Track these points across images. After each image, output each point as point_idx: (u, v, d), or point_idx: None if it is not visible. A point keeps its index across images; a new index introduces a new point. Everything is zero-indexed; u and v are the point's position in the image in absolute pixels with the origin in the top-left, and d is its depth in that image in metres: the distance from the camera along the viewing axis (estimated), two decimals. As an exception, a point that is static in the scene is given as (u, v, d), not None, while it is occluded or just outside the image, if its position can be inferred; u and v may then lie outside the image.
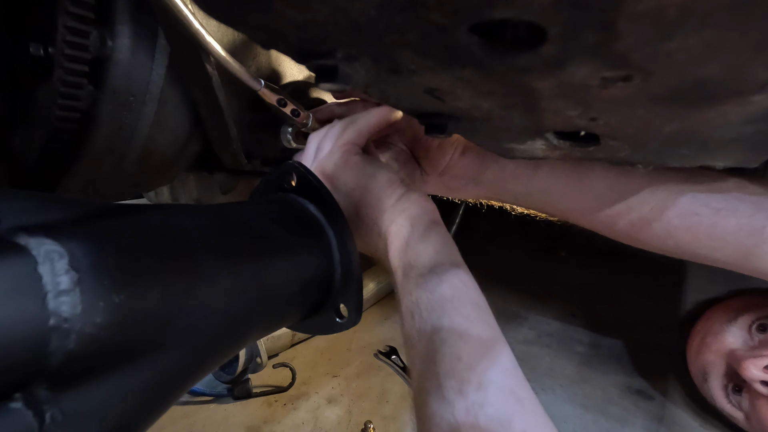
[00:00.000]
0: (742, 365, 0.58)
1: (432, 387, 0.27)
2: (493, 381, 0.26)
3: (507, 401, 0.26)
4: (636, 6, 0.14)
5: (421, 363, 0.29)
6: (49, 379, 0.16)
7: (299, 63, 0.24)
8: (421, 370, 0.28)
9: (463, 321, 0.29)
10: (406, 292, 0.32)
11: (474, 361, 0.27)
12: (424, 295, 0.30)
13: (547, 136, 0.28)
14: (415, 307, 0.30)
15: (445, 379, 0.26)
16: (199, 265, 0.23)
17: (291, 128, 0.50)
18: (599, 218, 0.42)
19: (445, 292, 0.30)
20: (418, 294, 0.31)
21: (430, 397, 0.27)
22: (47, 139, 0.44)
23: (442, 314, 0.29)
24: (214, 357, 0.25)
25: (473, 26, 0.17)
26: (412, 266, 0.32)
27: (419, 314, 0.30)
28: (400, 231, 0.34)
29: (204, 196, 0.86)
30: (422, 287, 0.31)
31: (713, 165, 0.31)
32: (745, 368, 0.58)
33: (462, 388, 0.26)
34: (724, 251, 0.38)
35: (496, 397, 0.26)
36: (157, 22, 0.44)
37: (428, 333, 0.29)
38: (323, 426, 0.66)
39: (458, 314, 0.29)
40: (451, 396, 0.26)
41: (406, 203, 0.35)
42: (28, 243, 0.16)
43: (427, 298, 0.30)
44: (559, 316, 0.96)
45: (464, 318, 0.29)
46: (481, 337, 0.28)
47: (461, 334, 0.28)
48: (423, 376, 0.28)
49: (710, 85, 0.18)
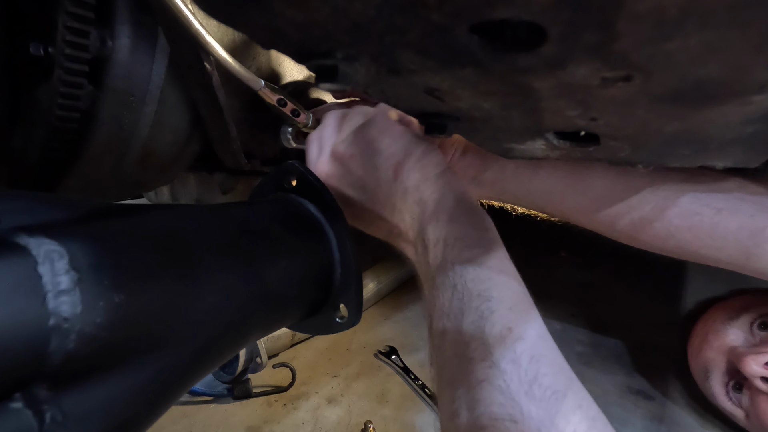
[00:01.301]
0: (743, 361, 0.58)
1: (479, 354, 0.27)
2: (544, 354, 0.27)
3: (559, 375, 0.26)
4: (636, 6, 0.14)
5: (465, 333, 0.28)
6: (49, 379, 0.16)
7: (299, 63, 0.24)
8: (465, 340, 0.28)
9: (511, 294, 0.29)
10: (447, 263, 0.31)
11: (525, 334, 0.27)
12: (471, 267, 0.30)
13: (547, 136, 0.28)
14: (459, 277, 0.30)
15: (496, 348, 0.26)
16: (199, 265, 0.23)
17: (291, 128, 0.50)
18: (599, 218, 0.42)
19: (493, 266, 0.30)
20: (463, 265, 0.31)
21: (477, 364, 0.26)
22: (47, 139, 0.44)
23: (490, 286, 0.29)
24: (214, 357, 0.25)
25: (473, 26, 0.17)
26: (456, 236, 0.32)
27: (463, 284, 0.30)
28: (443, 201, 0.34)
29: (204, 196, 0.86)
30: (468, 259, 0.31)
31: (713, 165, 0.31)
32: (746, 364, 0.58)
33: (515, 357, 0.26)
34: (726, 251, 0.38)
35: (549, 369, 0.26)
36: (157, 22, 0.44)
37: (475, 303, 0.29)
38: (323, 426, 0.66)
39: (506, 287, 0.29)
40: (503, 364, 0.26)
41: (450, 177, 0.35)
42: (28, 243, 0.16)
43: (473, 270, 0.30)
44: (559, 316, 0.96)
45: (512, 292, 0.29)
46: (527, 313, 0.29)
47: (511, 306, 0.28)
48: (468, 345, 0.28)
49: (710, 85, 0.18)
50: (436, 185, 0.35)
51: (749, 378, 0.58)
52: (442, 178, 0.35)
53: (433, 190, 0.35)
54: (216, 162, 0.59)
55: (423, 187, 0.35)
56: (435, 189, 0.35)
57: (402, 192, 0.36)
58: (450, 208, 0.33)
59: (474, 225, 0.33)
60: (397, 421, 0.67)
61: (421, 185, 0.35)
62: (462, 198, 0.34)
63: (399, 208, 0.36)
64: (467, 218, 0.33)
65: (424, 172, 0.36)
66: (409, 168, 0.36)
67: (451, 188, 0.35)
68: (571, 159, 0.38)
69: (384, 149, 0.37)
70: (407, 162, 0.36)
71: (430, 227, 0.33)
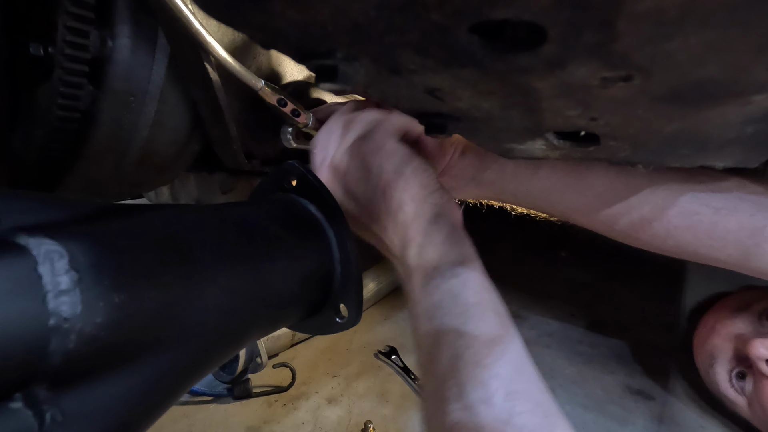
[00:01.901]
0: (751, 344, 0.59)
1: (453, 395, 0.26)
2: (520, 390, 0.26)
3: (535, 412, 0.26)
4: (636, 6, 0.14)
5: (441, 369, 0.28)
6: (49, 379, 0.16)
7: (299, 63, 0.24)
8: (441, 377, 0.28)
9: (487, 329, 0.28)
10: (425, 293, 0.31)
11: (501, 370, 0.27)
12: (446, 299, 0.30)
13: (547, 136, 0.28)
14: (435, 310, 0.30)
15: (470, 387, 0.26)
16: (199, 265, 0.23)
17: (291, 128, 0.50)
18: (599, 218, 0.42)
19: (469, 298, 0.30)
20: (439, 297, 0.30)
21: (451, 405, 0.26)
22: (47, 139, 0.44)
23: (466, 320, 0.29)
24: (214, 357, 0.25)
25: (473, 26, 0.17)
26: (435, 267, 0.32)
27: (440, 318, 0.30)
28: (424, 227, 0.33)
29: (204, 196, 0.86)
30: (444, 290, 0.30)
31: (713, 165, 0.31)
32: (754, 347, 0.58)
33: (489, 397, 0.25)
34: (725, 251, 0.38)
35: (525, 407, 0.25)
36: (157, 22, 0.44)
37: (450, 339, 0.28)
38: (323, 426, 0.66)
39: (481, 321, 0.29)
40: (476, 405, 0.25)
41: (438, 200, 0.35)
42: (28, 243, 0.16)
43: (448, 303, 0.30)
44: (559, 316, 0.96)
45: (488, 325, 0.29)
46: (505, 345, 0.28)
47: (486, 342, 0.28)
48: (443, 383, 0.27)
49: (710, 85, 0.18)
50: (421, 209, 0.34)
51: (755, 361, 0.59)
52: (427, 201, 0.35)
53: (416, 215, 0.34)
54: (216, 162, 0.59)
55: (407, 209, 0.35)
56: (418, 213, 0.34)
57: (388, 213, 0.36)
58: (430, 235, 0.33)
59: (453, 253, 0.32)
60: (397, 421, 0.67)
61: (406, 208, 0.35)
62: (445, 223, 0.34)
63: (387, 227, 0.36)
64: (447, 246, 0.32)
65: (411, 194, 0.35)
66: (397, 190, 0.35)
67: (436, 212, 0.34)
68: (571, 159, 0.38)
69: (375, 168, 0.37)
70: (395, 184, 0.36)
71: (411, 253, 0.33)
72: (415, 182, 0.35)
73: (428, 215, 0.34)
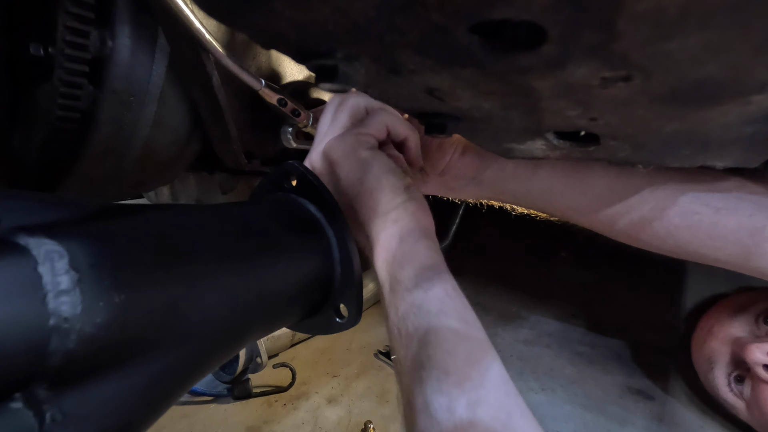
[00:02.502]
0: (748, 348, 0.59)
1: (420, 403, 0.26)
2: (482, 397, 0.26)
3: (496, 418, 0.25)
4: (636, 6, 0.14)
5: (407, 380, 0.28)
6: (49, 379, 0.16)
7: (299, 63, 0.24)
8: (407, 387, 0.28)
9: (449, 336, 0.28)
10: (392, 307, 0.32)
11: (462, 378, 0.26)
12: (411, 311, 0.30)
13: (547, 136, 0.28)
14: (401, 323, 0.30)
15: (433, 396, 0.26)
16: (199, 265, 0.23)
17: (291, 128, 0.50)
18: (599, 218, 0.42)
19: (431, 308, 0.30)
20: (404, 309, 0.30)
21: (418, 414, 0.26)
22: (47, 139, 0.44)
23: (428, 330, 0.29)
24: (214, 357, 0.25)
25: (473, 26, 0.17)
26: (398, 281, 0.32)
27: (405, 329, 0.30)
28: (388, 242, 0.33)
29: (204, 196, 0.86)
30: (408, 303, 0.30)
31: (713, 165, 0.31)
32: (750, 351, 0.58)
33: (450, 405, 0.25)
34: (725, 250, 0.38)
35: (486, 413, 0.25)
36: (158, 22, 0.44)
37: (414, 349, 0.29)
38: (323, 426, 0.66)
39: (444, 329, 0.29)
40: (439, 413, 0.25)
41: (401, 213, 0.34)
42: (28, 243, 0.16)
43: (413, 314, 0.30)
44: (559, 316, 0.96)
45: (450, 333, 0.29)
46: (468, 350, 0.28)
47: (448, 349, 0.28)
48: (411, 392, 0.28)
49: (710, 85, 0.18)
50: (385, 222, 0.34)
51: (752, 366, 0.59)
52: (393, 214, 0.34)
53: (381, 229, 0.34)
54: (216, 162, 0.59)
55: (372, 223, 0.35)
56: (383, 227, 0.34)
57: (356, 224, 0.36)
58: (393, 249, 0.33)
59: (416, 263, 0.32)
60: (397, 421, 0.67)
61: (371, 221, 0.35)
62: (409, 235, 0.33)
63: (357, 236, 0.36)
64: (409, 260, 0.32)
65: (376, 209, 0.35)
66: (362, 203, 0.35)
67: (400, 225, 0.34)
68: (571, 159, 0.38)
69: (343, 178, 0.37)
70: (362, 196, 0.35)
71: (377, 266, 0.34)
72: (381, 199, 0.35)
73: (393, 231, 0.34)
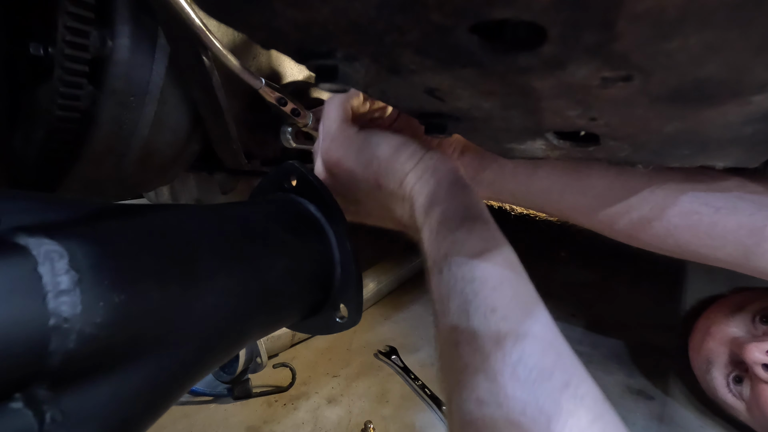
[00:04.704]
0: (746, 348, 0.59)
1: (465, 339, 0.26)
2: (530, 333, 0.26)
3: (546, 353, 0.25)
4: (636, 6, 0.14)
5: (452, 316, 0.28)
6: (49, 379, 0.16)
7: (299, 63, 0.24)
8: (452, 323, 0.28)
9: (495, 273, 0.28)
10: (433, 248, 0.31)
11: (510, 313, 0.26)
12: (454, 249, 0.29)
13: (547, 136, 0.28)
14: (444, 261, 0.30)
15: (480, 331, 0.26)
16: (199, 266, 0.23)
17: (291, 128, 0.50)
18: (599, 218, 0.42)
19: (475, 245, 0.29)
20: (446, 248, 0.30)
21: (462, 349, 0.26)
22: (47, 139, 0.44)
23: (473, 266, 0.28)
24: (214, 357, 0.25)
25: (473, 26, 0.17)
26: (439, 221, 0.31)
27: (448, 268, 0.29)
28: (424, 187, 0.33)
29: (204, 196, 0.86)
30: (451, 241, 0.30)
31: (713, 165, 0.31)
32: (749, 351, 0.58)
33: (499, 339, 0.25)
34: (725, 250, 0.38)
35: (535, 349, 0.25)
36: (158, 22, 0.44)
37: (459, 286, 0.28)
38: (323, 426, 0.66)
39: (490, 266, 0.28)
40: (487, 347, 0.25)
41: (429, 161, 0.34)
42: (28, 243, 0.16)
43: (456, 251, 0.29)
44: (559, 316, 0.96)
45: (497, 270, 0.28)
46: (515, 289, 0.28)
47: (494, 285, 0.27)
48: (455, 329, 0.27)
49: (710, 85, 0.18)
50: (417, 173, 0.34)
51: (751, 366, 0.59)
52: (421, 164, 0.34)
53: (415, 181, 0.34)
54: (216, 162, 0.59)
55: (403, 184, 0.35)
56: (417, 178, 0.34)
57: (389, 196, 0.36)
58: (431, 192, 0.33)
59: (457, 202, 0.32)
60: (397, 421, 0.67)
61: (402, 182, 0.35)
62: (445, 177, 0.33)
63: (392, 208, 0.36)
64: (450, 198, 0.32)
65: (403, 168, 0.35)
66: (386, 172, 0.35)
67: (433, 171, 0.34)
68: (571, 159, 0.38)
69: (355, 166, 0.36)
70: (382, 167, 0.35)
71: (417, 214, 0.33)
72: (401, 156, 0.35)
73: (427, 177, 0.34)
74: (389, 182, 0.35)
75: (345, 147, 0.37)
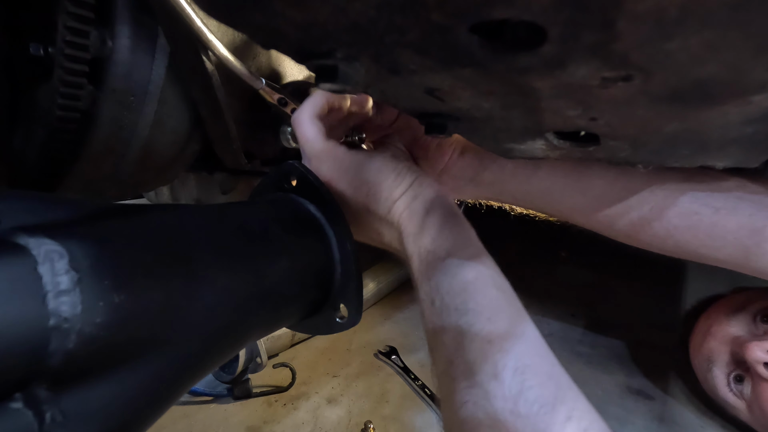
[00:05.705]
0: (747, 347, 0.59)
1: (461, 373, 0.26)
2: (529, 364, 0.25)
3: (546, 385, 0.25)
4: (636, 6, 0.14)
5: (446, 350, 0.27)
6: (49, 379, 0.16)
7: (299, 63, 0.24)
8: (447, 357, 0.27)
9: (489, 303, 0.28)
10: (424, 278, 0.31)
11: (507, 345, 0.26)
12: (445, 280, 0.29)
13: (547, 136, 0.28)
14: (435, 293, 0.29)
15: (477, 365, 0.25)
16: (198, 266, 0.23)
17: (291, 128, 0.50)
18: (599, 218, 0.42)
19: (466, 275, 0.29)
20: (438, 279, 0.29)
21: (459, 384, 0.26)
22: (47, 139, 0.44)
23: (466, 298, 0.28)
24: (213, 357, 0.25)
25: (473, 26, 0.17)
26: (429, 251, 0.31)
27: (440, 299, 0.29)
28: (413, 216, 0.33)
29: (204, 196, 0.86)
30: (442, 271, 0.29)
31: (713, 165, 0.31)
32: (750, 350, 0.58)
33: (497, 372, 0.25)
34: (725, 250, 0.38)
35: (535, 380, 0.25)
36: (158, 22, 0.44)
37: (452, 318, 0.28)
38: (323, 426, 0.66)
39: (483, 297, 0.28)
40: (485, 382, 0.25)
41: (418, 189, 0.34)
42: (28, 243, 0.16)
43: (448, 283, 0.29)
44: (559, 316, 0.96)
45: (490, 300, 0.28)
46: (510, 319, 0.27)
47: (489, 317, 0.27)
48: (450, 363, 0.27)
49: (710, 85, 0.18)
50: (405, 201, 0.34)
51: (752, 364, 0.59)
52: (410, 192, 0.34)
53: (403, 208, 0.34)
54: (216, 162, 0.59)
55: (392, 211, 0.34)
56: (405, 206, 0.34)
57: (378, 221, 0.36)
58: (420, 222, 0.32)
59: (446, 232, 0.31)
60: (397, 421, 0.67)
61: (390, 210, 0.34)
62: (433, 205, 0.33)
63: (382, 232, 0.36)
64: (439, 228, 0.32)
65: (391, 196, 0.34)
66: (375, 199, 0.35)
67: (422, 199, 0.33)
68: (571, 159, 0.38)
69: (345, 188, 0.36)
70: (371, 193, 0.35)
71: (405, 243, 0.33)
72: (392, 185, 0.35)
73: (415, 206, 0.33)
74: (378, 208, 0.35)
75: (334, 169, 0.36)
